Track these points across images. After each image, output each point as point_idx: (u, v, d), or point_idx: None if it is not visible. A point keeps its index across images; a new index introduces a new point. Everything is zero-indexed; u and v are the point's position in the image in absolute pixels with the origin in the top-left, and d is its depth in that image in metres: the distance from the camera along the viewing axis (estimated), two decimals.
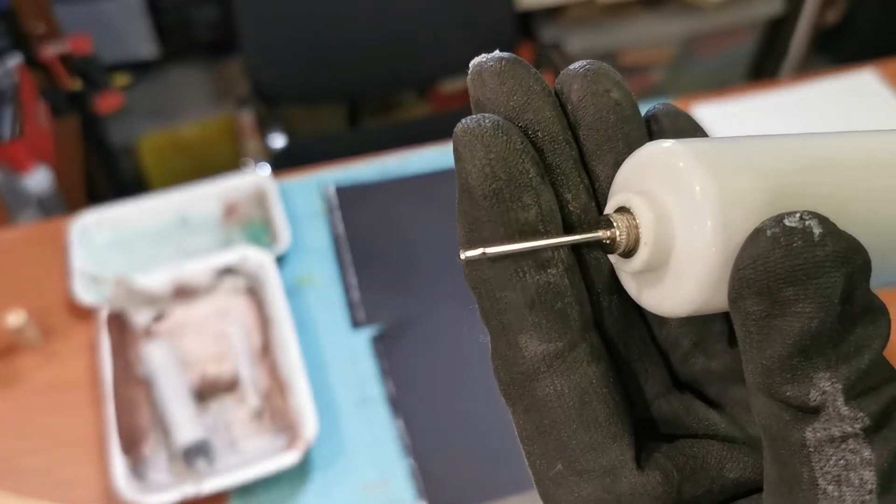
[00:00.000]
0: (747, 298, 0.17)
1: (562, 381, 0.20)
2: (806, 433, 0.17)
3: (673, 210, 0.18)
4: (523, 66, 0.21)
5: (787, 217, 0.17)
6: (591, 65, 0.22)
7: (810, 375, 0.17)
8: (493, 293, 0.20)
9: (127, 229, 0.92)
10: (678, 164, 0.18)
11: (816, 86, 1.10)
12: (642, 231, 0.19)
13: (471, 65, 0.21)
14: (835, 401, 0.17)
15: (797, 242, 0.16)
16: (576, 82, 0.21)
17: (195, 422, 0.71)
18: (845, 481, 0.17)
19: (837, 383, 0.17)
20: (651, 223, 0.19)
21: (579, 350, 0.20)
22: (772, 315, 0.17)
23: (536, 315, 0.19)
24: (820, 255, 0.16)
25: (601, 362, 0.20)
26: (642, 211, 0.19)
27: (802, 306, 0.16)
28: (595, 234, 0.19)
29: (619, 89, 0.21)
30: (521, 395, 0.21)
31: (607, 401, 0.20)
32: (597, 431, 0.20)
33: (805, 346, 0.17)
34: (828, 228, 0.17)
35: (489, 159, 0.20)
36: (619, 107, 0.21)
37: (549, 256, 0.19)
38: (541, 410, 0.20)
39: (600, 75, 0.21)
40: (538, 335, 0.19)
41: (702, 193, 0.17)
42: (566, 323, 0.19)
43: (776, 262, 0.17)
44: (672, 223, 0.18)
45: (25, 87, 1.42)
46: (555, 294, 0.19)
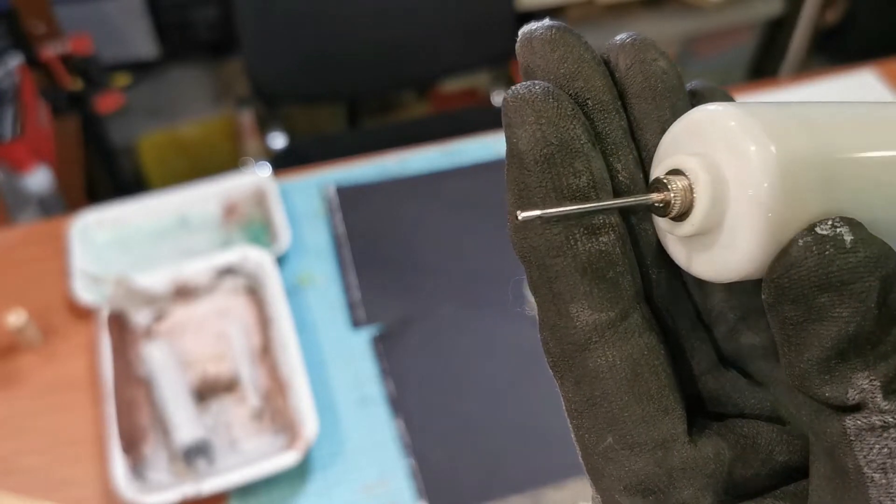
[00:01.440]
0: (784, 304, 0.17)
1: (614, 351, 0.19)
2: (846, 422, 0.17)
3: (727, 171, 0.18)
4: (574, 35, 0.21)
5: (819, 225, 0.17)
6: (638, 36, 0.22)
7: (848, 376, 0.17)
8: (544, 261, 0.20)
9: (127, 229, 0.92)
10: (731, 125, 0.18)
11: (816, 86, 1.10)
12: (697, 192, 0.18)
13: (520, 32, 0.21)
14: (874, 397, 0.17)
15: (829, 250, 0.17)
16: (623, 52, 0.21)
17: (195, 422, 0.71)
18: (891, 469, 0.17)
19: (876, 381, 0.17)
20: (707, 184, 0.18)
21: (631, 320, 0.19)
22: (808, 320, 0.17)
23: (588, 283, 0.19)
24: (853, 262, 0.17)
25: (652, 334, 0.20)
26: (697, 172, 0.18)
27: (839, 311, 0.17)
28: (650, 196, 0.19)
29: (665, 59, 0.21)
30: (571, 367, 0.20)
31: (659, 373, 0.20)
32: (649, 403, 0.19)
33: (843, 348, 0.17)
34: (859, 235, 0.17)
35: (540, 124, 0.19)
36: (666, 76, 0.21)
37: (602, 224, 0.19)
38: (592, 382, 0.20)
39: (647, 45, 0.21)
40: (590, 304, 0.19)
41: (758, 154, 0.17)
42: (618, 292, 0.19)
43: (809, 271, 0.17)
44: (727, 184, 0.18)
45: (26, 88, 1.42)
46: (607, 262, 0.19)
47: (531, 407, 0.76)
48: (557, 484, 0.70)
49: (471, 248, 0.91)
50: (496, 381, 0.78)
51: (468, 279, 0.87)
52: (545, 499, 0.70)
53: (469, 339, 0.82)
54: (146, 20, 1.64)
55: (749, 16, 1.96)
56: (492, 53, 1.47)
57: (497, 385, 0.77)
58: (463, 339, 0.82)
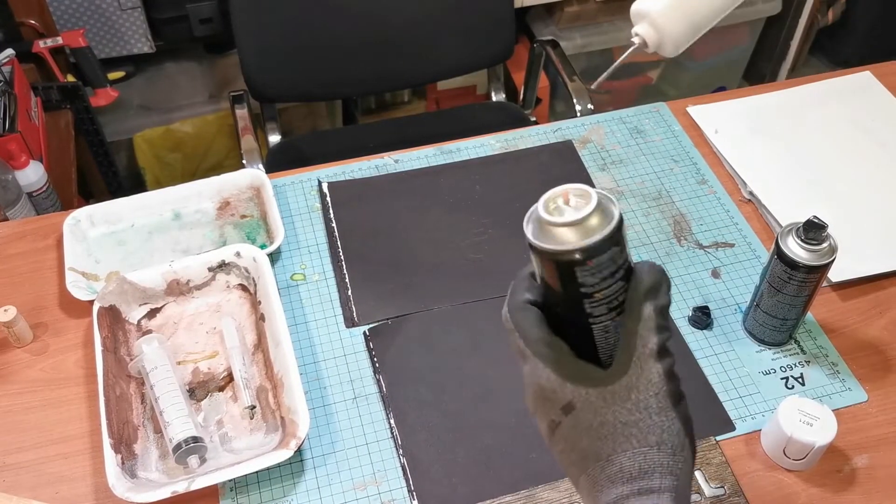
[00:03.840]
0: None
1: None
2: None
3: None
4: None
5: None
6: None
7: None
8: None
9: (120, 225, 0.92)
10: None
11: (815, 86, 1.10)
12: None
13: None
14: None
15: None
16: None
17: (188, 419, 0.71)
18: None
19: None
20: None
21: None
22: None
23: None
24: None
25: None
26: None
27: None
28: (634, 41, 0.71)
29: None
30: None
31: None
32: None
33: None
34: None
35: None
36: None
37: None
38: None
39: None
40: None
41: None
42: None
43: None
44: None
45: (18, 82, 1.41)
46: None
47: (524, 406, 0.75)
48: (550, 483, 0.70)
49: (464, 244, 0.91)
50: (489, 379, 0.77)
51: (461, 276, 0.87)
52: (538, 498, 0.69)
53: (462, 337, 0.81)
54: (142, 14, 1.63)
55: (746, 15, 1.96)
56: (490, 53, 1.46)
57: (490, 383, 0.77)
58: (456, 337, 0.82)
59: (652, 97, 2.03)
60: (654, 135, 1.04)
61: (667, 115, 1.07)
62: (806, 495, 0.70)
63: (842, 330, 0.82)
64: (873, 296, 0.86)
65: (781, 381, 0.78)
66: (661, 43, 0.47)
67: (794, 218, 0.74)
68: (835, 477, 0.71)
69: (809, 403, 0.70)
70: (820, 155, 1.00)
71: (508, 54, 1.46)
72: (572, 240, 0.39)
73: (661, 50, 0.48)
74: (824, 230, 0.71)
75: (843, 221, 0.86)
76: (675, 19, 0.45)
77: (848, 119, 1.05)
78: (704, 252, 0.90)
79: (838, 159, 1.00)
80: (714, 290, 0.86)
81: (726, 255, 0.89)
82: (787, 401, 0.70)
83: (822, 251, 0.71)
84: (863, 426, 0.74)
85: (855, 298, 0.85)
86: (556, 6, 1.85)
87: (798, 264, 0.71)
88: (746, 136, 1.03)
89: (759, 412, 0.76)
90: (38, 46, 1.54)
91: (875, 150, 1.01)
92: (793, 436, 0.68)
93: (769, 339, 0.80)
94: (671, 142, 1.03)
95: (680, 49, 0.48)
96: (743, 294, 0.85)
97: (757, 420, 0.75)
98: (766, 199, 0.94)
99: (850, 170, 0.98)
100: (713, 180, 0.98)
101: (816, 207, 0.80)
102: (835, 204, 0.93)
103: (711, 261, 0.89)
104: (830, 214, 0.76)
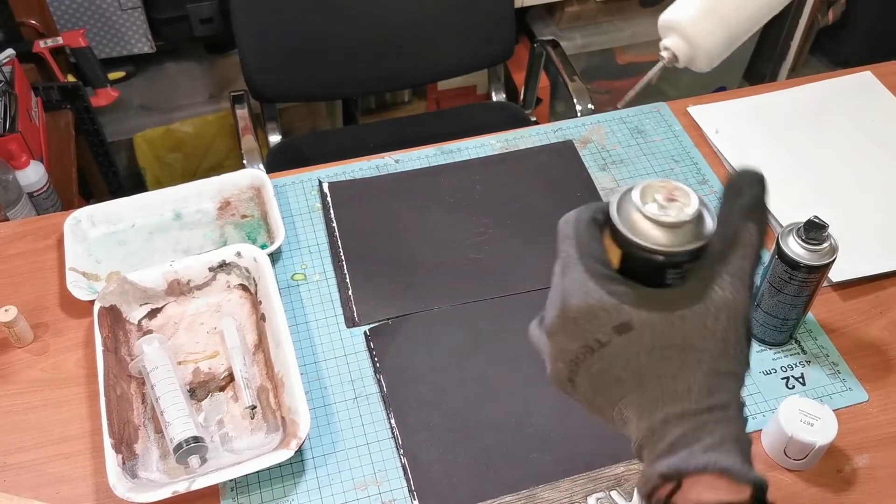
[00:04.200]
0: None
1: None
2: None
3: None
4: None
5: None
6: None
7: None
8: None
9: (121, 225, 0.92)
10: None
11: (815, 86, 1.10)
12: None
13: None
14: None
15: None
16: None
17: (188, 419, 0.71)
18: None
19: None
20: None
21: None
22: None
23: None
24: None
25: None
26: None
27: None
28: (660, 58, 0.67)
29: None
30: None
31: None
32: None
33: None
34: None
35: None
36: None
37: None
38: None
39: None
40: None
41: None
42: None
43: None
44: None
45: (19, 82, 1.41)
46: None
47: (525, 406, 0.75)
48: (551, 483, 0.70)
49: (465, 244, 0.91)
50: (490, 379, 0.77)
51: (462, 276, 0.87)
52: (538, 498, 0.69)
53: (463, 337, 0.81)
54: (142, 14, 1.63)
55: None
56: (490, 53, 1.46)
57: (490, 383, 0.77)
58: (456, 337, 0.82)
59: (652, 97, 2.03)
60: (655, 135, 1.04)
61: (667, 115, 1.07)
62: (806, 495, 0.70)
63: (842, 330, 0.82)
64: (874, 296, 0.86)
65: (782, 381, 0.78)
66: (694, 57, 0.40)
67: (795, 218, 0.74)
68: (835, 477, 0.71)
69: (810, 403, 0.70)
70: (820, 155, 1.00)
71: (509, 54, 1.46)
72: (663, 241, 0.38)
73: (693, 64, 0.42)
74: (825, 230, 0.71)
75: (843, 221, 0.86)
76: (708, 29, 0.39)
77: (848, 119, 1.05)
78: None
79: (838, 159, 1.00)
80: None
81: None
82: (788, 401, 0.70)
83: (822, 251, 0.71)
84: (863, 426, 0.74)
85: (855, 298, 0.85)
86: (556, 6, 1.85)
87: (799, 264, 0.71)
88: (746, 136, 1.03)
89: (759, 412, 0.76)
90: (38, 46, 1.54)
91: (875, 150, 1.01)
92: (793, 436, 0.68)
93: (770, 339, 0.80)
94: (672, 142, 1.03)
95: (714, 63, 0.42)
96: None
97: (758, 420, 0.75)
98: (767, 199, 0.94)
99: (850, 170, 0.98)
100: (714, 180, 0.98)
101: (816, 207, 0.80)
102: (835, 204, 0.93)
103: None
104: (831, 214, 0.76)
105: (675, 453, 0.38)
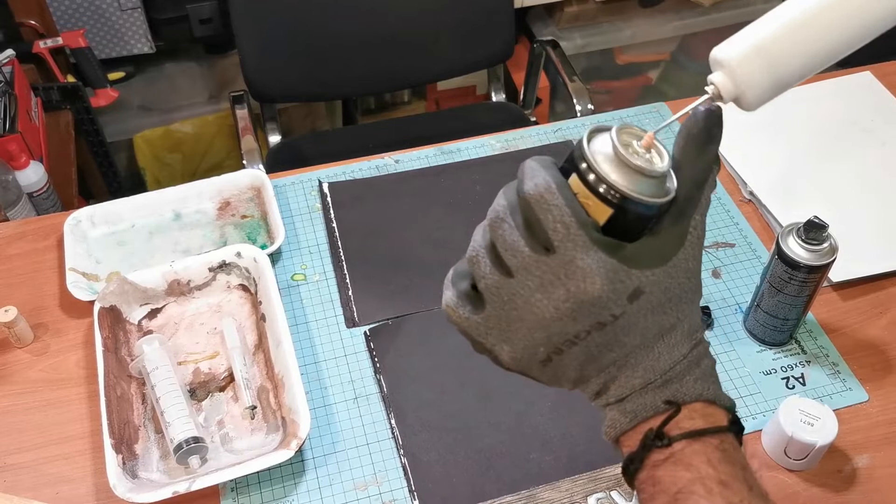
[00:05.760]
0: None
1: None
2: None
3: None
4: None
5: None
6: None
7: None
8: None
9: (121, 225, 0.92)
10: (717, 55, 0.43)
11: (815, 86, 1.10)
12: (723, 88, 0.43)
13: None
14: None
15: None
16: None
17: (188, 419, 0.71)
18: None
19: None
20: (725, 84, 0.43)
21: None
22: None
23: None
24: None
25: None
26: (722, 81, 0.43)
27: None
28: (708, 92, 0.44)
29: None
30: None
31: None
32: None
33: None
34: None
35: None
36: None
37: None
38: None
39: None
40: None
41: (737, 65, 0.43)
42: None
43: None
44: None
45: (19, 82, 1.41)
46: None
47: (525, 406, 0.75)
48: (551, 483, 0.70)
49: (465, 244, 0.91)
50: (490, 379, 0.77)
51: None
52: (538, 498, 0.69)
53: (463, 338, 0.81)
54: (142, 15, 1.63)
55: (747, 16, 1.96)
56: (490, 53, 1.46)
57: (491, 384, 0.77)
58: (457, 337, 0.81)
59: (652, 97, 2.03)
60: None
61: (667, 115, 1.07)
62: (807, 495, 0.70)
63: (842, 330, 0.82)
64: (874, 296, 0.86)
65: (782, 381, 0.78)
66: (740, 96, 0.39)
67: (795, 218, 0.74)
68: (836, 477, 0.71)
69: (810, 403, 0.70)
70: (820, 155, 1.00)
71: (508, 54, 1.46)
72: (657, 192, 0.38)
73: (739, 104, 0.41)
74: (825, 230, 0.71)
75: (843, 221, 0.86)
76: (755, 70, 0.38)
77: (848, 119, 1.05)
78: (705, 252, 0.90)
79: (838, 159, 1.00)
80: (715, 290, 0.86)
81: (727, 256, 0.90)
82: (788, 401, 0.70)
83: (822, 251, 0.71)
84: (863, 426, 0.74)
85: (855, 298, 0.85)
86: (556, 6, 1.85)
87: (799, 264, 0.71)
88: (746, 136, 1.03)
89: (759, 412, 0.76)
90: (38, 47, 1.54)
91: (875, 150, 1.01)
92: (793, 436, 0.68)
93: (770, 339, 0.80)
94: (671, 142, 1.03)
95: (761, 104, 0.41)
96: (743, 294, 0.86)
97: (758, 420, 0.75)
98: (767, 199, 0.94)
99: (850, 170, 0.99)
100: None
101: (816, 207, 0.80)
102: (835, 204, 0.93)
103: (712, 261, 0.89)
104: (830, 214, 0.76)
105: (665, 387, 0.40)
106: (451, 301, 0.44)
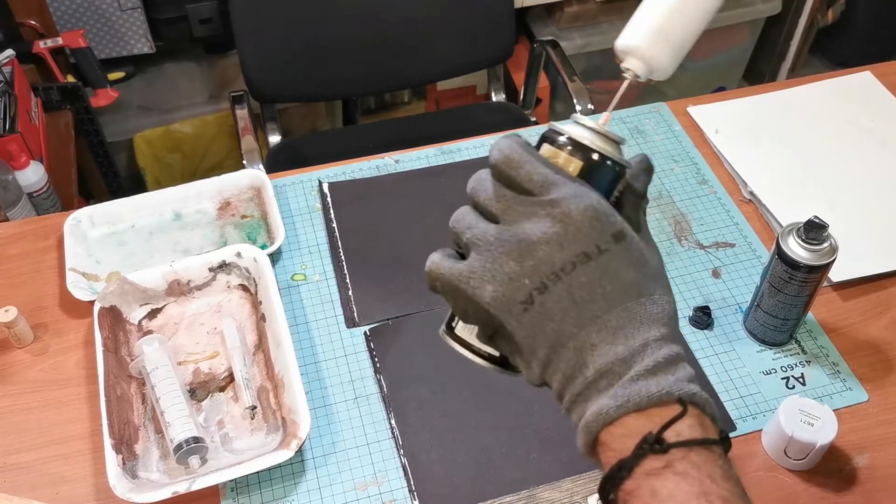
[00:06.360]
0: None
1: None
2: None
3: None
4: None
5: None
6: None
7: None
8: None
9: (121, 225, 0.92)
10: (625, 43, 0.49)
11: (815, 86, 1.10)
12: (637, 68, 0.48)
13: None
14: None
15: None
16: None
17: (188, 419, 0.71)
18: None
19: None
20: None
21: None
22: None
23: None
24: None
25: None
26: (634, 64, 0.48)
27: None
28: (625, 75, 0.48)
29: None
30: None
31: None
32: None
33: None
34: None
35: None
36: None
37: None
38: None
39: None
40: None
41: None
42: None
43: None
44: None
45: (19, 82, 1.41)
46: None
47: (525, 406, 0.75)
48: (551, 483, 0.70)
49: None
50: (490, 380, 0.77)
51: None
52: (538, 498, 0.69)
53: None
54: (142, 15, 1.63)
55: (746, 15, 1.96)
56: (490, 53, 1.46)
57: (491, 384, 0.77)
58: None
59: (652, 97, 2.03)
60: (655, 135, 1.04)
61: (667, 115, 1.07)
62: (807, 495, 0.70)
63: (842, 330, 0.82)
64: (874, 296, 0.86)
65: (782, 380, 0.78)
66: (652, 71, 0.49)
67: (795, 218, 0.74)
68: (836, 477, 0.71)
69: (810, 403, 0.70)
70: (820, 155, 1.00)
71: (508, 54, 1.46)
72: (618, 155, 0.42)
73: (654, 76, 0.51)
74: (825, 230, 0.71)
75: (843, 221, 0.86)
76: (660, 48, 0.48)
77: (848, 119, 1.05)
78: (705, 252, 0.90)
79: (838, 159, 1.00)
80: (715, 290, 0.86)
81: (727, 255, 0.90)
82: (788, 400, 0.70)
83: (822, 251, 0.71)
84: (863, 426, 0.74)
85: (855, 298, 0.85)
86: (556, 6, 1.85)
87: (799, 264, 0.71)
88: (746, 136, 1.03)
89: (759, 412, 0.76)
90: (38, 47, 1.54)
91: (875, 150, 1.01)
92: (794, 436, 0.68)
93: (770, 338, 0.80)
94: (671, 142, 1.03)
95: (671, 72, 0.52)
96: (743, 294, 0.86)
97: (758, 420, 0.75)
98: (767, 199, 0.94)
99: (850, 170, 0.99)
100: (713, 180, 0.98)
101: (816, 207, 0.80)
102: (835, 204, 0.93)
103: (712, 261, 0.89)
104: (830, 214, 0.76)
105: (656, 376, 0.38)
106: (435, 257, 0.45)
